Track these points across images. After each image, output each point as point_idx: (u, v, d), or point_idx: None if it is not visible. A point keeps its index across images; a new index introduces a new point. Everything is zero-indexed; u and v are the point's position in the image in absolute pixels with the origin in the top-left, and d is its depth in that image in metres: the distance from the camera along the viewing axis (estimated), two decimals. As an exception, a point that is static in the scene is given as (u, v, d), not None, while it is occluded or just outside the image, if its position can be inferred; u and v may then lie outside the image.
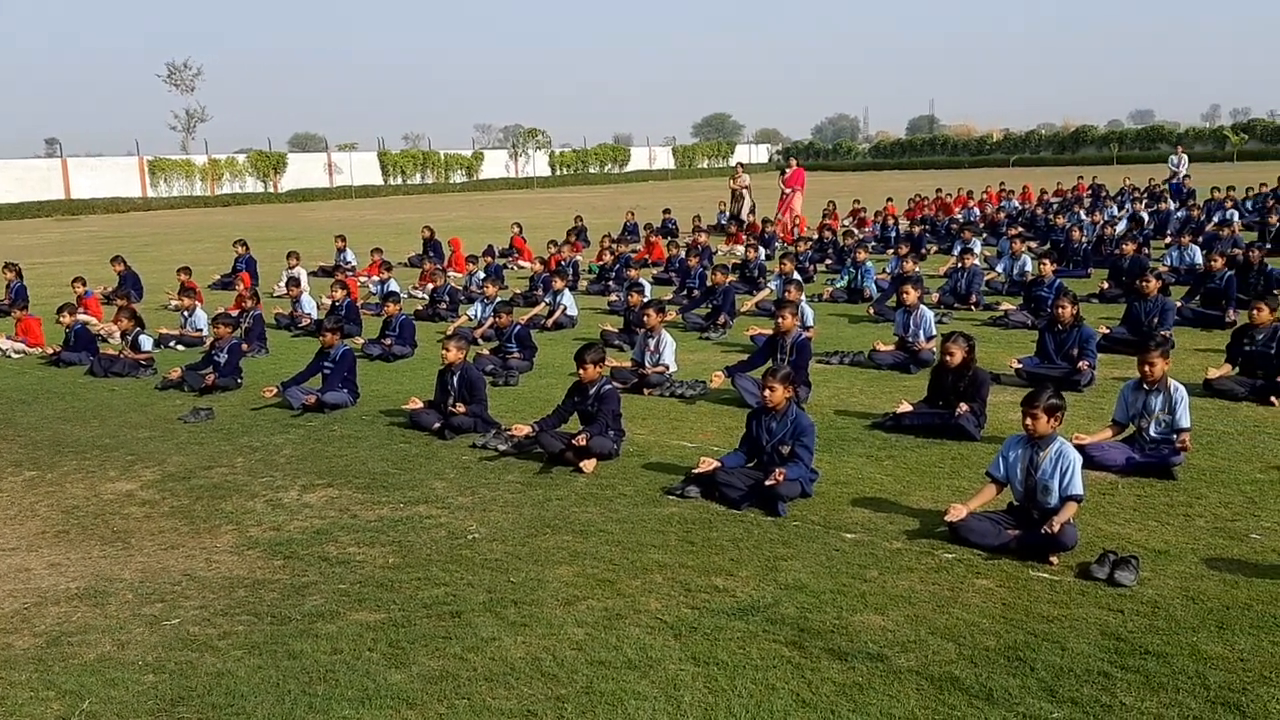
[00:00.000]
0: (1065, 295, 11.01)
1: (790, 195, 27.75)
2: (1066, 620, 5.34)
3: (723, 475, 7.26)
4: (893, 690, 4.69)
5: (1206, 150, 66.23)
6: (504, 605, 5.73)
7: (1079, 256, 18.99)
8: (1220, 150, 67.80)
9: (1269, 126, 73.60)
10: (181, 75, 75.60)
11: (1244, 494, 7.14)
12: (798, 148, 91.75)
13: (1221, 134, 72.82)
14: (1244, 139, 69.84)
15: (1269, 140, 70.21)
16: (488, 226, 33.60)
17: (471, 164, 74.69)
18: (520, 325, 12.42)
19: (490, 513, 7.26)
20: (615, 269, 18.68)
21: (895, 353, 11.79)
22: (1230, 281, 13.57)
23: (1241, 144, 68.71)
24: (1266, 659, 4.87)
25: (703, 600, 5.69)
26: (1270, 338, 9.66)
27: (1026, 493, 6.43)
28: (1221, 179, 31.72)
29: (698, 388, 10.63)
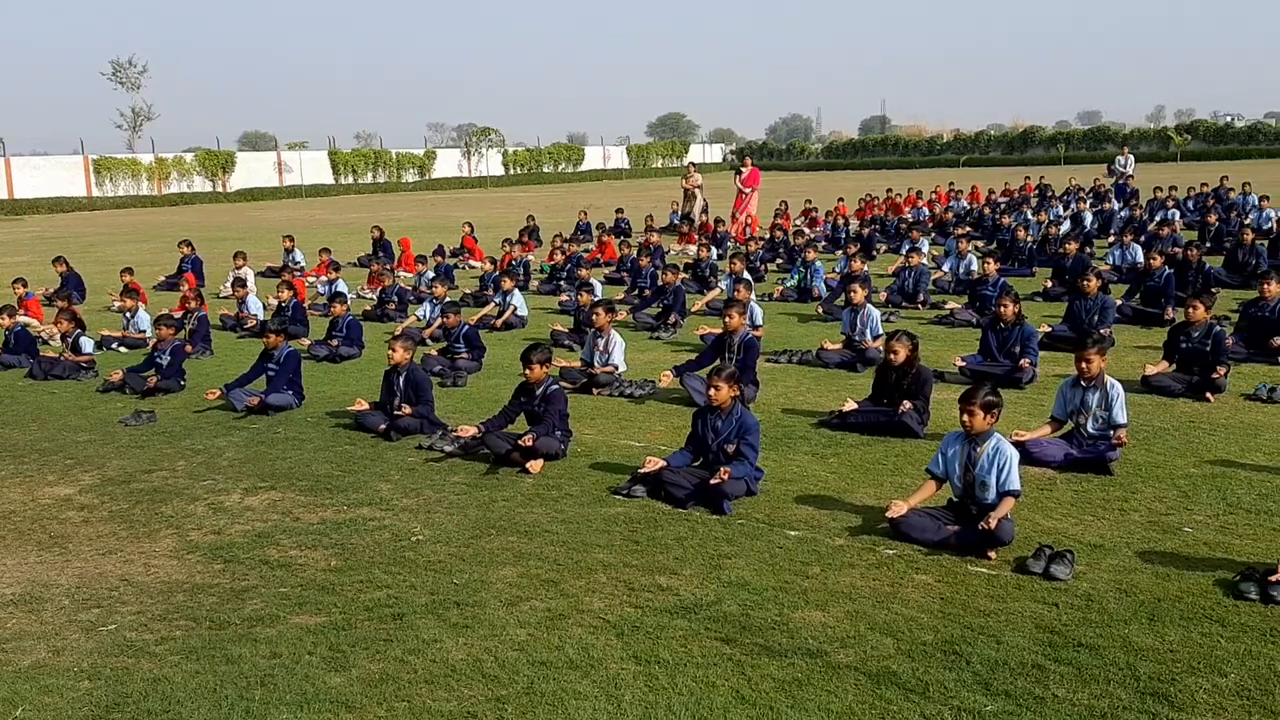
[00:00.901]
0: (1007, 294, 11.17)
1: (748, 195, 27.88)
2: (1003, 614, 5.42)
3: (668, 474, 7.28)
4: (831, 686, 4.73)
5: (1151, 151, 67.41)
6: (446, 607, 5.71)
7: (1024, 255, 19.27)
8: (1164, 151, 69.08)
9: (1211, 127, 75.13)
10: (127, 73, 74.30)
11: (1178, 489, 7.29)
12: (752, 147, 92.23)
13: (1166, 135, 74.18)
14: (1187, 139, 71.22)
15: (1211, 141, 71.66)
16: (439, 226, 33.42)
17: (424, 163, 74.22)
18: (468, 325, 12.37)
19: (435, 514, 7.23)
20: (567, 269, 18.66)
21: (842, 351, 11.90)
22: (1169, 280, 13.84)
23: (1185, 144, 70.05)
24: (1195, 650, 4.97)
25: (646, 599, 5.71)
26: (1205, 335, 9.86)
27: (965, 489, 6.52)
28: (1165, 179, 32.29)
29: (647, 387, 10.65)
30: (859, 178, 62.04)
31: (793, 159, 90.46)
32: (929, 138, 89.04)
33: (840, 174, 72.36)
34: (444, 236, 26.61)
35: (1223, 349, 9.83)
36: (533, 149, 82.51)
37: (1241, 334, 11.38)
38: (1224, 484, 7.32)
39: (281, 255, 22.53)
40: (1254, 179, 30.35)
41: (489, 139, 77.14)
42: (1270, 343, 10.99)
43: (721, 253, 21.92)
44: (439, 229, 31.65)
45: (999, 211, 25.78)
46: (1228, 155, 65.57)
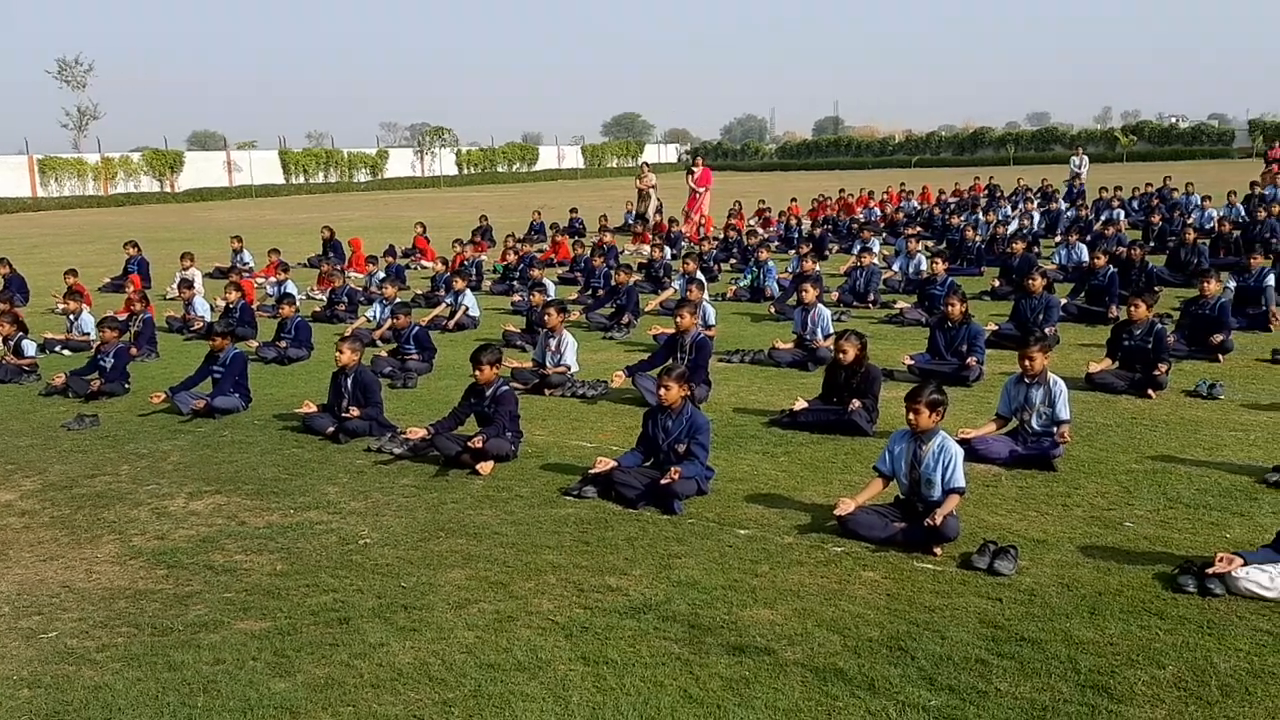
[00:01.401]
0: (955, 293, 11.31)
1: (700, 195, 27.95)
2: (947, 609, 5.49)
3: (619, 475, 7.28)
4: (778, 683, 4.76)
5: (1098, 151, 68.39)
6: (394, 610, 5.67)
7: (973, 255, 19.51)
8: (1111, 151, 70.19)
9: (1156, 129, 76.46)
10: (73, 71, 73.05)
11: (1120, 484, 7.41)
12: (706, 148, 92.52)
13: (1112, 135, 75.39)
14: (1133, 140, 72.44)
15: (1156, 142, 72.93)
16: (391, 226, 33.18)
17: (376, 163, 73.65)
18: (419, 326, 12.28)
19: (383, 517, 7.18)
20: (520, 269, 18.61)
21: (794, 350, 11.97)
22: (1113, 279, 14.07)
23: (1131, 145, 71.25)
24: (1134, 642, 5.06)
25: (595, 600, 5.71)
26: (1147, 333, 10.03)
27: (911, 486, 6.58)
28: (1111, 179, 32.83)
29: (599, 388, 10.65)
30: (812, 178, 62.45)
31: (747, 159, 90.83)
32: (881, 138, 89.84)
33: (794, 174, 72.78)
34: (396, 237, 26.43)
35: (1164, 347, 10.01)
36: (486, 148, 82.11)
37: (1183, 331, 11.59)
38: (1164, 479, 7.45)
39: (230, 256, 22.24)
40: (1197, 179, 30.97)
41: (442, 138, 76.70)
42: (1210, 340, 11.22)
43: (676, 253, 21.98)
44: (391, 229, 31.42)
45: (949, 212, 26.07)
46: (1172, 156, 66.79)
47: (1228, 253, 17.99)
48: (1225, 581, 5.54)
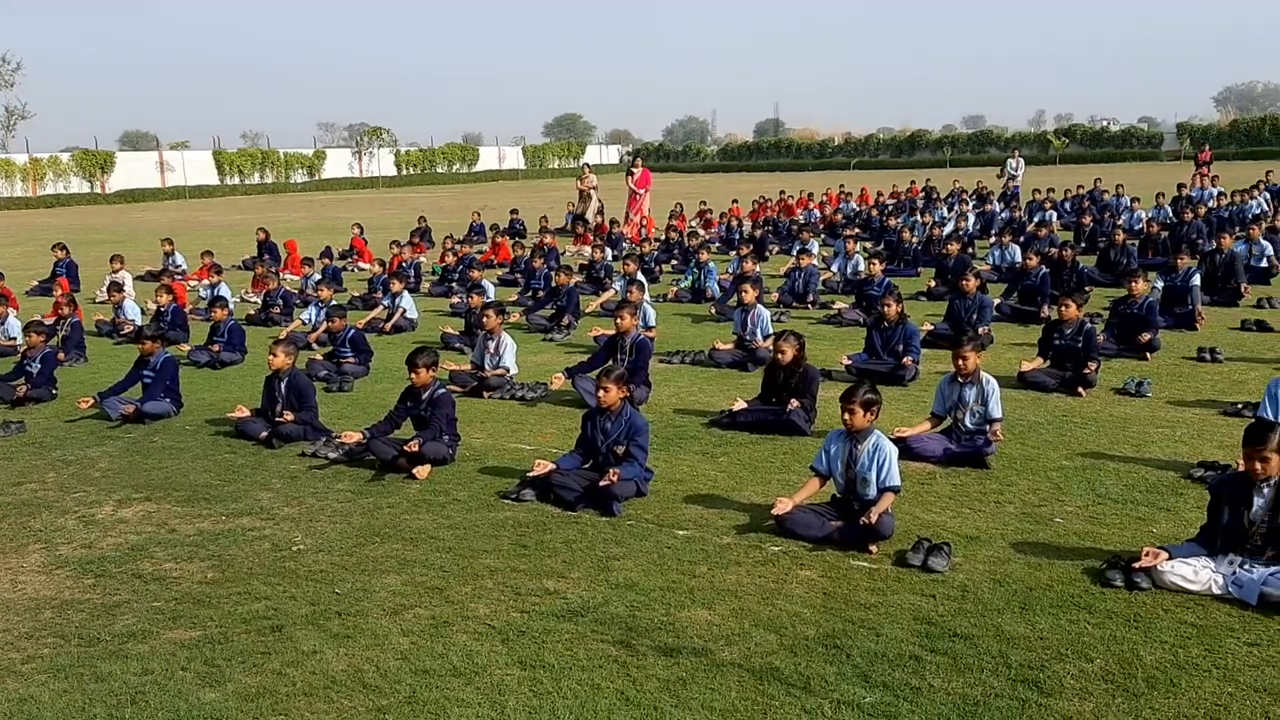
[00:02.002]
0: (891, 294, 11.44)
1: (641, 196, 27.99)
2: (883, 607, 5.54)
3: (558, 477, 7.26)
4: (715, 684, 4.77)
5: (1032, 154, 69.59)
6: (327, 617, 5.59)
7: (909, 256, 19.76)
8: (1044, 154, 71.54)
9: (1089, 131, 78.10)
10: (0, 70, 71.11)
11: (1051, 480, 7.54)
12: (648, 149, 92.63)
13: (1046, 138, 76.86)
14: (1066, 143, 73.94)
15: (1088, 144, 74.53)
16: (329, 228, 32.79)
17: (313, 163, 72.77)
18: (355, 329, 12.15)
19: (317, 523, 7.08)
20: (459, 270, 18.49)
21: (734, 351, 12.02)
22: (1044, 279, 14.33)
23: (1064, 148, 72.71)
24: (1064, 636, 5.15)
25: (532, 604, 5.67)
26: (1077, 332, 10.22)
27: (847, 485, 6.64)
28: (1045, 181, 33.47)
29: (538, 390, 10.60)
30: (753, 180, 62.85)
31: (689, 161, 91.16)
32: (821, 141, 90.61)
33: (735, 176, 73.23)
34: (333, 238, 26.12)
35: (1093, 345, 10.21)
36: (426, 149, 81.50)
37: (1112, 331, 11.84)
38: (1093, 475, 7.60)
39: (161, 258, 21.85)
40: (1127, 181, 31.62)
41: (381, 139, 76.01)
42: (1138, 339, 11.47)
43: (617, 254, 21.98)
44: (328, 230, 31.05)
45: (886, 213, 26.38)
46: (1104, 158, 68.34)
47: (1155, 253, 18.41)
48: (1151, 576, 5.65)
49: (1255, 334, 12.80)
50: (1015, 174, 34.49)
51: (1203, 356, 11.38)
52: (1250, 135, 69.84)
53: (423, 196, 55.42)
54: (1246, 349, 11.88)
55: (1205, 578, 5.58)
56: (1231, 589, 5.51)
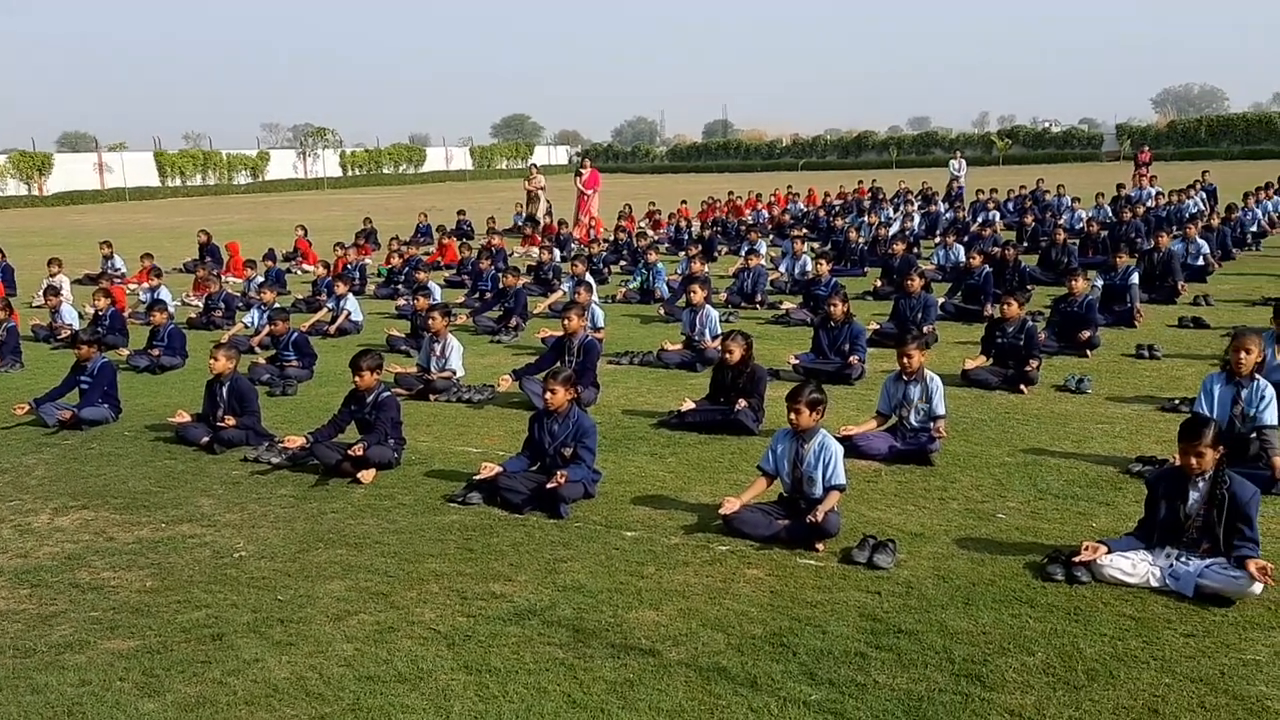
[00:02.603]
0: (837, 293, 11.53)
1: (589, 197, 27.96)
2: (829, 604, 5.57)
3: (504, 480, 7.21)
4: (662, 684, 4.76)
5: (975, 155, 70.73)
6: (269, 625, 5.51)
7: (856, 256, 19.94)
8: (988, 155, 72.62)
9: (1030, 133, 79.38)
10: (-70, 69, 69.37)
11: (994, 477, 7.63)
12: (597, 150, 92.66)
13: (989, 139, 78.00)
14: (1009, 144, 75.09)
15: (1030, 145, 75.80)
16: (272, 229, 32.39)
17: (257, 164, 71.89)
18: (298, 332, 11.99)
19: (259, 529, 6.97)
20: (404, 272, 18.33)
21: (682, 352, 12.04)
22: (988, 278, 14.52)
23: (1007, 149, 73.85)
24: (1006, 631, 5.21)
25: (479, 607, 5.63)
26: (1019, 330, 10.36)
27: (794, 484, 6.67)
28: (988, 182, 33.94)
29: (485, 392, 10.53)
30: (702, 180, 63.09)
31: (638, 161, 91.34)
32: (769, 142, 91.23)
33: (684, 177, 73.45)
34: (277, 240, 25.80)
35: (1035, 343, 10.36)
36: (372, 150, 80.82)
37: (1053, 328, 12.01)
38: (1035, 471, 7.70)
39: (100, 262, 21.44)
40: (1068, 181, 32.22)
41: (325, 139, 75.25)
42: (1079, 336, 11.66)
43: (565, 255, 21.93)
44: (272, 232, 30.66)
45: (833, 214, 26.60)
46: (1046, 159, 69.55)
47: (1095, 252, 18.72)
48: (1091, 569, 5.74)
49: (1192, 331, 13.06)
50: (958, 175, 34.96)
51: (1141, 353, 11.60)
52: (1187, 136, 71.51)
53: (368, 198, 54.94)
54: (1183, 346, 12.12)
55: (1143, 571, 5.68)
56: (1169, 581, 5.61)
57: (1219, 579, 5.46)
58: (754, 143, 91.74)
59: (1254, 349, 7.35)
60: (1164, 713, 4.42)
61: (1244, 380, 7.33)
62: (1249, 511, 5.58)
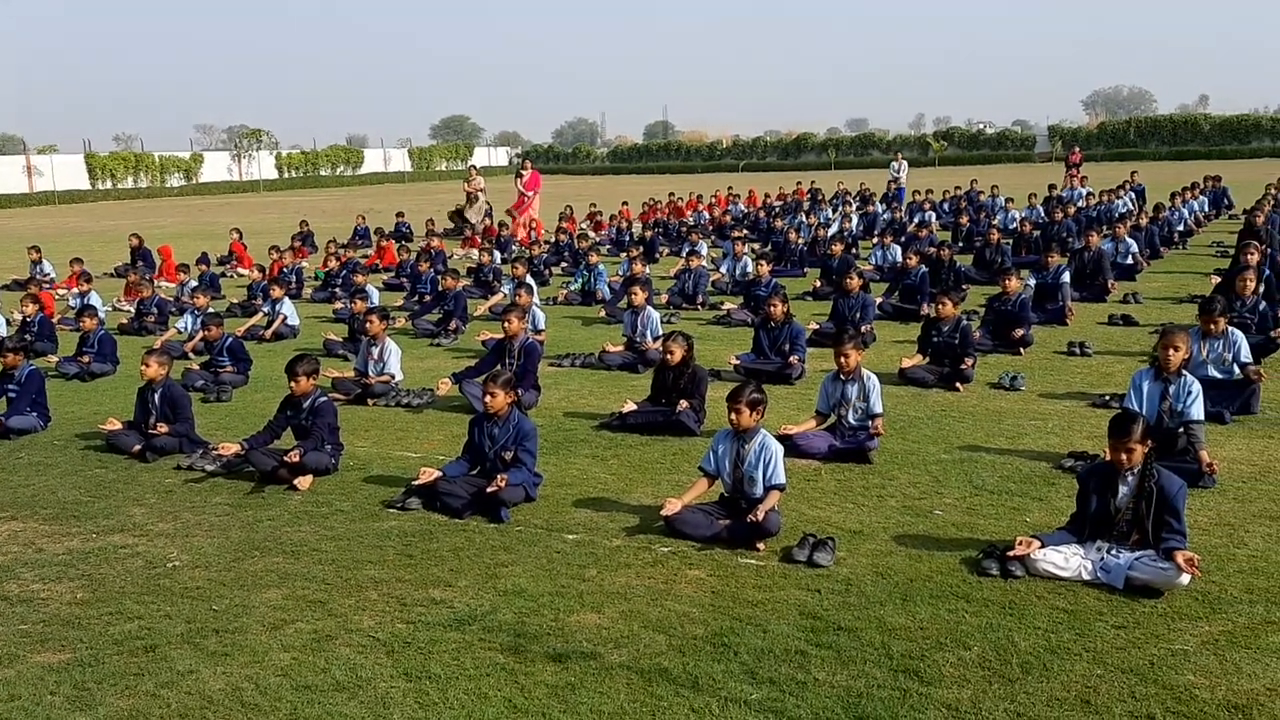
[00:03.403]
0: (777, 294, 11.61)
1: (530, 199, 27.86)
2: (769, 603, 5.60)
3: (444, 485, 7.16)
4: (604, 687, 4.75)
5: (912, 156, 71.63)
6: (204, 635, 5.41)
7: (795, 257, 20.11)
8: (924, 156, 73.62)
9: (965, 134, 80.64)
10: None
11: (930, 474, 7.74)
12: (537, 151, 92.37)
13: (925, 141, 79.09)
14: (944, 146, 76.22)
15: (965, 146, 76.98)
16: (207, 233, 31.85)
17: (190, 166, 70.63)
18: (233, 337, 11.80)
19: (194, 538, 6.84)
20: (342, 275, 18.13)
21: (624, 353, 12.04)
22: (924, 278, 14.72)
23: (942, 150, 74.96)
24: (943, 626, 5.28)
25: (418, 614, 5.58)
26: (954, 329, 10.52)
27: (735, 484, 6.70)
28: (924, 183, 34.40)
29: (425, 396, 10.44)
30: (643, 182, 63.21)
31: (579, 163, 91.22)
32: (710, 143, 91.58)
33: (625, 178, 73.52)
34: (211, 243, 25.38)
35: (969, 342, 10.52)
36: (309, 151, 79.78)
37: (988, 327, 12.21)
38: (971, 468, 7.82)
39: (28, 267, 20.91)
40: (1002, 182, 32.76)
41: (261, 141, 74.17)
42: (1012, 335, 11.87)
43: (505, 257, 21.83)
44: (206, 235, 30.16)
45: (773, 215, 26.77)
46: (980, 160, 70.71)
47: (1028, 251, 19.05)
48: (1025, 564, 5.84)
49: (1121, 328, 13.36)
50: (898, 175, 35.40)
51: (1073, 351, 11.84)
52: (1116, 137, 73.16)
53: (305, 200, 54.25)
54: (1113, 342, 12.39)
55: (1075, 564, 5.79)
56: (1100, 574, 5.72)
57: (1148, 571, 5.59)
58: (695, 144, 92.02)
59: (1182, 346, 7.53)
60: (1096, 703, 4.51)
61: (1172, 377, 7.51)
62: (1176, 505, 5.71)
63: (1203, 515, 6.65)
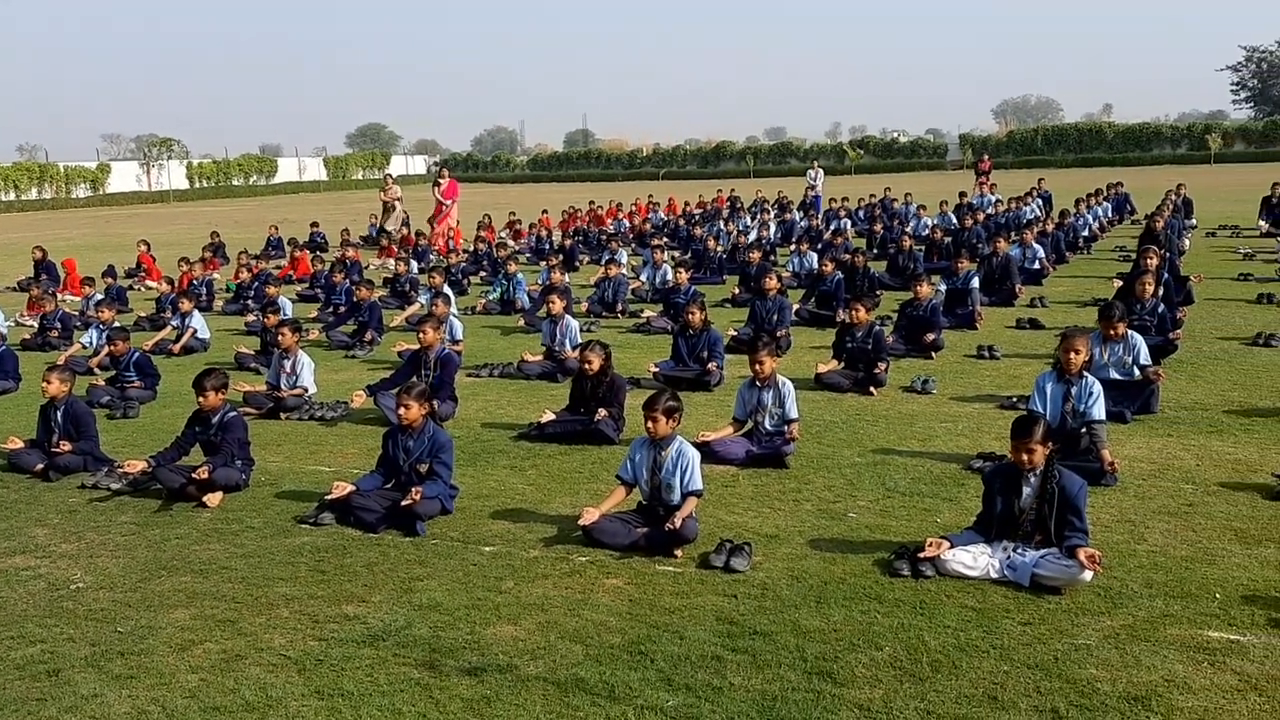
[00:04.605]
0: (695, 301, 11.70)
1: (448, 208, 27.64)
2: (686, 610, 5.63)
3: (358, 499, 7.06)
4: (520, 699, 4.73)
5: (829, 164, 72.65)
6: (109, 658, 5.26)
7: (715, 264, 20.26)
8: (840, 164, 74.74)
9: (881, 143, 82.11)
10: None
11: (845, 477, 7.85)
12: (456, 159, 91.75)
13: (841, 149, 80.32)
14: (860, 154, 77.50)
15: (880, 155, 78.37)
16: (114, 245, 31.02)
17: (97, 177, 68.72)
18: (140, 352, 11.50)
19: (98, 558, 6.65)
20: (254, 287, 17.78)
21: (543, 362, 12.01)
22: (839, 284, 14.95)
23: (858, 159, 76.20)
24: (856, 627, 5.36)
25: (331, 631, 5.49)
26: (867, 334, 10.70)
27: (652, 491, 6.73)
28: (840, 191, 34.93)
29: (339, 409, 10.29)
30: (564, 190, 63.10)
31: (498, 171, 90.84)
32: (630, 151, 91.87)
33: (545, 186, 73.31)
34: (118, 256, 24.72)
35: (883, 346, 10.71)
36: (220, 161, 78.17)
37: (900, 332, 12.45)
38: (883, 471, 7.96)
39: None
40: (915, 190, 33.37)
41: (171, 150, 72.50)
42: (924, 339, 12.11)
43: (423, 267, 21.63)
44: (113, 247, 29.37)
45: (693, 223, 26.95)
46: (894, 168, 72.04)
47: (940, 257, 19.44)
48: (935, 564, 5.96)
49: (1029, 331, 13.71)
50: (814, 184, 35.88)
51: (982, 354, 12.12)
52: (1024, 145, 75.11)
53: (217, 210, 53.15)
54: (1021, 346, 12.71)
55: (983, 563, 5.93)
56: (1007, 573, 5.87)
57: (1052, 568, 5.74)
58: (615, 152, 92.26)
59: (1083, 349, 7.76)
60: (1002, 699, 4.62)
61: (1073, 378, 7.73)
62: (1078, 503, 5.88)
63: (1105, 512, 6.85)
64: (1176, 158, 67.74)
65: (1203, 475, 7.60)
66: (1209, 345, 12.20)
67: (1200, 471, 7.70)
